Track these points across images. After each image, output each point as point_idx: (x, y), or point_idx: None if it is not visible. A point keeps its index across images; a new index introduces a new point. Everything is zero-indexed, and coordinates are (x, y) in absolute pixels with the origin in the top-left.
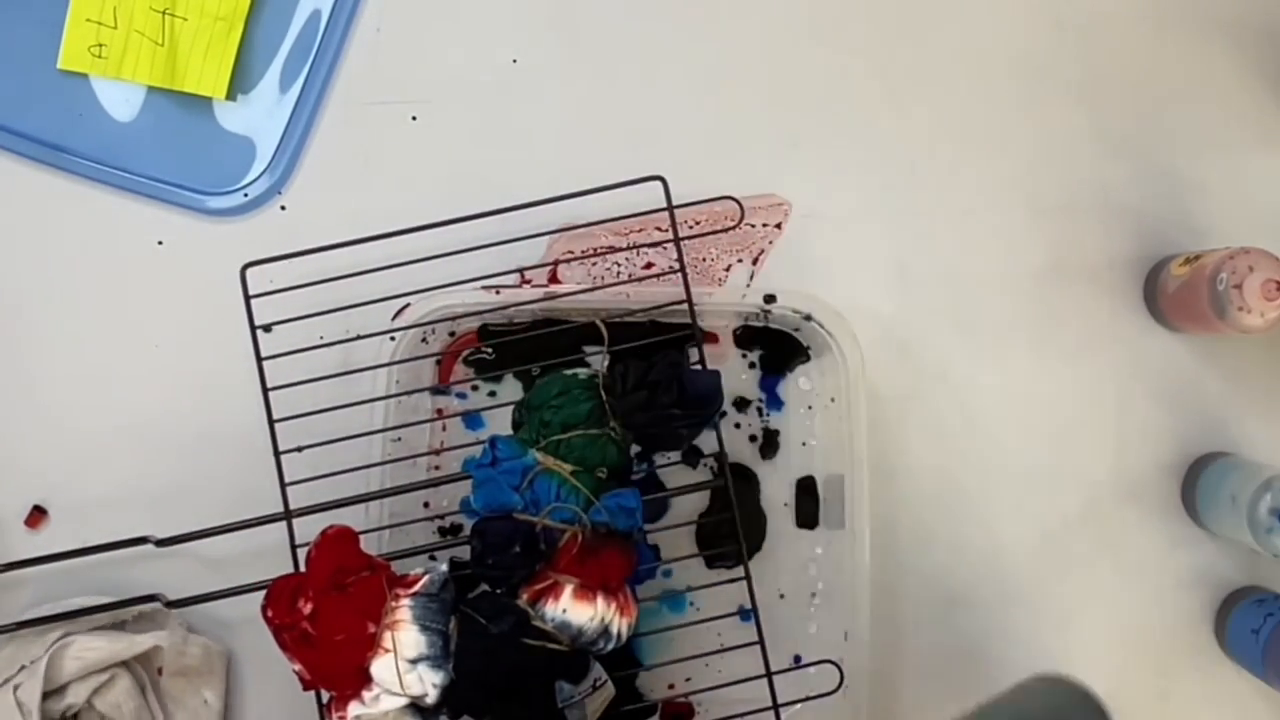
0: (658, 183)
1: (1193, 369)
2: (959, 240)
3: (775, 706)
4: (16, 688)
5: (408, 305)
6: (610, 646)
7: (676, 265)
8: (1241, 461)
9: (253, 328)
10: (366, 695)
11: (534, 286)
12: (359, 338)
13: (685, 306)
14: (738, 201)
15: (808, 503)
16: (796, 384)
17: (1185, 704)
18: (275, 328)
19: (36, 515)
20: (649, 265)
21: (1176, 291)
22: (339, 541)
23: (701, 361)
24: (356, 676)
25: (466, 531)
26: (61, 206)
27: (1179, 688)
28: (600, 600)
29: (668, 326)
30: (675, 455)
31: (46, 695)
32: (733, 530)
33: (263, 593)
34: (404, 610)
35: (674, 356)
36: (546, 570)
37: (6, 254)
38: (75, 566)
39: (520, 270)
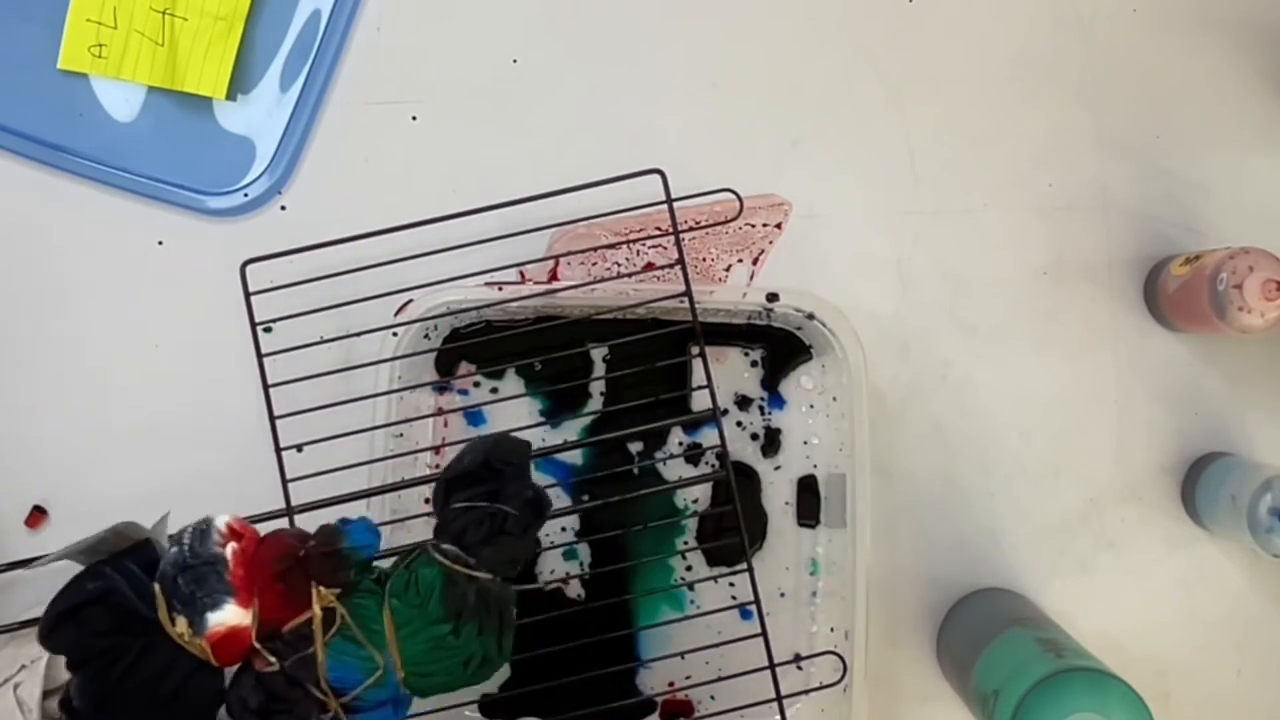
0: (656, 177)
1: (1193, 369)
2: (959, 240)
3: (779, 698)
4: (16, 686)
5: (410, 300)
6: None
7: (676, 262)
8: (1241, 461)
9: (253, 324)
10: None
11: (535, 284)
12: (360, 334)
13: (686, 304)
14: (736, 194)
15: (809, 501)
16: (798, 382)
17: (1186, 705)
18: (275, 325)
19: (36, 515)
20: (649, 266)
21: (1176, 291)
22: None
23: (702, 355)
24: None
25: None
26: (61, 206)
27: (1179, 688)
28: None
29: (668, 323)
30: (676, 449)
31: (47, 694)
32: (734, 524)
33: None
34: None
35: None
36: None
37: (6, 254)
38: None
39: (521, 267)
